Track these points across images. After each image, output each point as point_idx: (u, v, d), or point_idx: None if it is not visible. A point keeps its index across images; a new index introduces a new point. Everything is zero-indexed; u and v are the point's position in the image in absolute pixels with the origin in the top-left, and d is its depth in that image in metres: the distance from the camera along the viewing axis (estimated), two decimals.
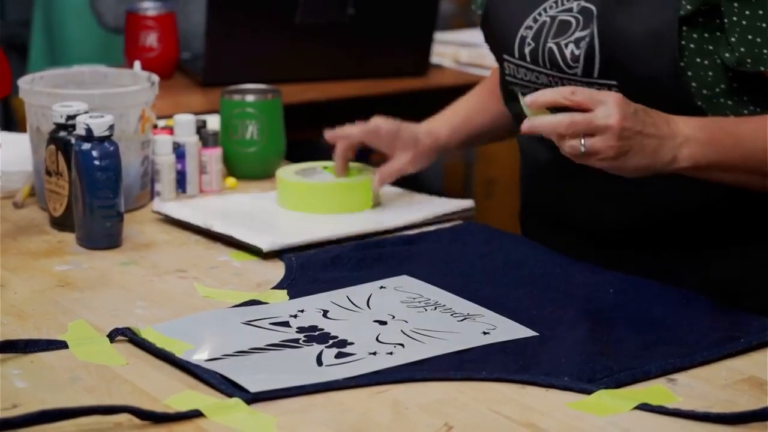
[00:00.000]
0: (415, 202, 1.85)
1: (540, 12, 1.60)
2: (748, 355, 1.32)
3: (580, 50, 1.53)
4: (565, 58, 1.55)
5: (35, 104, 1.79)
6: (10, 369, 1.28)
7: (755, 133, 1.45)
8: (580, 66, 1.54)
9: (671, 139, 1.41)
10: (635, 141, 1.39)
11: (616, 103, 1.38)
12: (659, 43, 1.48)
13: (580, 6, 1.56)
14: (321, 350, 1.32)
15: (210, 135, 1.93)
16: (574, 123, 1.38)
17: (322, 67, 2.69)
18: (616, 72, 1.52)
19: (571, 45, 1.54)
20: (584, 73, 1.54)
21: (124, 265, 1.61)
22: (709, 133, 1.43)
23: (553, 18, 1.59)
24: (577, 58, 1.54)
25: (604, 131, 1.38)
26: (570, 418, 1.19)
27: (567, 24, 1.57)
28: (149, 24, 2.66)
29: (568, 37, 1.56)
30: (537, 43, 1.59)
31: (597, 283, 1.51)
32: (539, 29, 1.60)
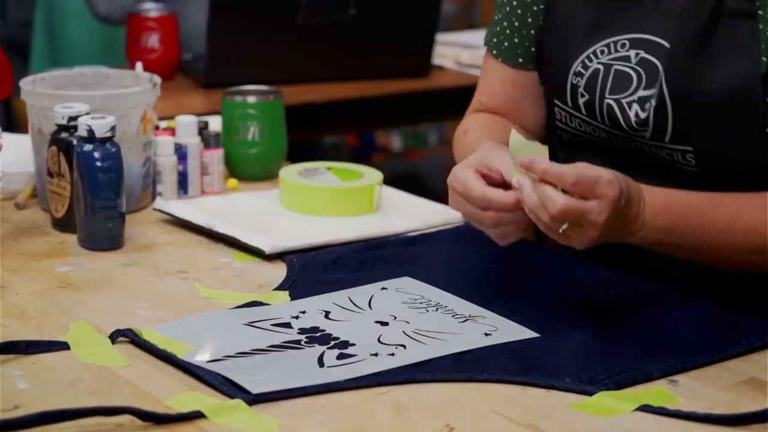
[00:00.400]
0: (417, 207, 1.84)
1: (589, 56, 1.53)
2: (749, 356, 1.32)
3: (646, 112, 1.47)
4: (629, 119, 1.49)
5: (37, 105, 1.79)
6: (12, 370, 1.28)
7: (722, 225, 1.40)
8: (649, 130, 1.48)
9: (634, 223, 1.37)
10: (610, 231, 1.33)
11: (611, 203, 1.31)
12: (742, 106, 1.42)
13: (639, 57, 1.49)
14: (322, 351, 1.32)
15: (212, 136, 1.93)
16: (565, 213, 1.30)
17: (324, 68, 2.70)
18: (691, 138, 1.46)
19: (635, 105, 1.48)
20: (653, 136, 1.48)
21: (126, 266, 1.61)
22: (671, 219, 1.38)
23: (607, 67, 1.51)
24: (644, 122, 1.47)
25: (590, 226, 1.32)
26: (571, 419, 1.19)
27: (626, 77, 1.50)
28: (150, 25, 2.66)
29: (630, 95, 1.49)
30: (592, 96, 1.52)
31: (598, 285, 1.51)
32: (592, 79, 1.52)
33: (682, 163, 1.48)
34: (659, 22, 1.49)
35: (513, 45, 1.64)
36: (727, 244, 1.41)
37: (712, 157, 1.45)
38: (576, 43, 1.54)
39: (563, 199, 1.30)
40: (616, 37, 1.52)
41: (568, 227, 1.31)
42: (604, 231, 1.32)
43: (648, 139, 1.49)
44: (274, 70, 2.59)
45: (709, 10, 1.45)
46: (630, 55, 1.50)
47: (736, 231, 1.40)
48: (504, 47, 1.65)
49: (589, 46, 1.53)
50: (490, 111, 1.68)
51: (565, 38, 1.56)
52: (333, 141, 4.26)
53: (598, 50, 1.53)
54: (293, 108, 2.24)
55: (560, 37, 1.57)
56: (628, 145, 1.51)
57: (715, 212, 1.40)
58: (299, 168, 1.86)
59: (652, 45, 1.49)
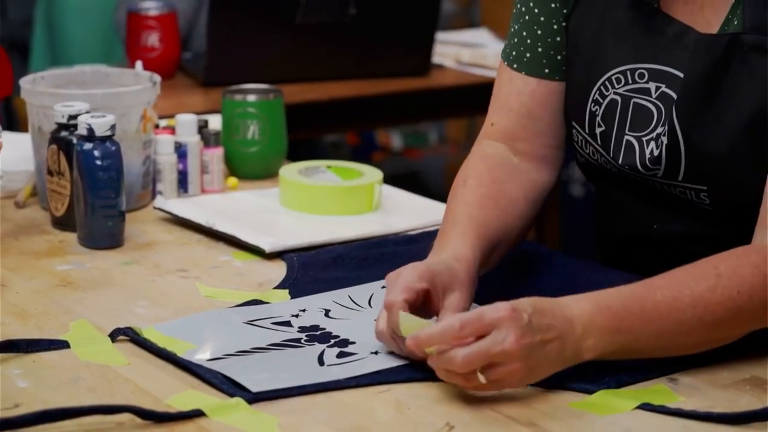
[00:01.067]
0: (417, 206, 1.84)
1: (605, 84, 1.47)
2: (750, 355, 1.32)
3: (659, 148, 1.42)
4: (644, 157, 1.43)
5: (37, 104, 1.79)
6: (12, 369, 1.28)
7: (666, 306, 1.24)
8: (662, 168, 1.42)
9: (570, 332, 1.21)
10: (538, 353, 1.19)
11: (510, 323, 1.18)
12: (757, 143, 1.36)
13: (660, 91, 1.43)
14: (323, 350, 1.32)
15: (211, 135, 1.93)
16: (470, 361, 1.17)
17: (324, 67, 2.70)
18: (705, 176, 1.40)
19: (652, 143, 1.42)
20: (666, 175, 1.42)
21: (126, 265, 1.61)
22: (611, 315, 1.22)
23: (626, 99, 1.45)
24: (656, 160, 1.42)
25: (504, 357, 1.18)
26: (572, 417, 1.19)
27: (647, 113, 1.44)
28: (150, 24, 2.66)
29: (649, 133, 1.43)
30: (609, 129, 1.46)
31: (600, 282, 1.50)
32: (610, 110, 1.47)
33: (696, 201, 1.43)
34: (679, 55, 1.42)
35: (536, 55, 1.53)
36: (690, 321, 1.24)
37: (727, 194, 1.40)
38: (595, 66, 1.48)
39: (461, 351, 1.17)
40: (634, 65, 1.45)
41: (489, 373, 1.18)
42: (528, 357, 1.18)
43: (660, 178, 1.43)
44: (274, 69, 2.59)
45: (724, 45, 1.38)
46: (650, 87, 1.44)
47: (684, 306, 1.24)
48: (526, 59, 1.54)
49: (607, 71, 1.47)
50: (501, 134, 1.56)
51: (585, 59, 1.50)
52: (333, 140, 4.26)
53: (613, 77, 1.46)
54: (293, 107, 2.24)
55: (580, 57, 1.50)
56: (642, 180, 1.46)
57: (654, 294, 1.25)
58: (299, 167, 1.86)
59: (672, 78, 1.42)
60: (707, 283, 1.24)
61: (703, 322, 1.23)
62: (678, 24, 1.43)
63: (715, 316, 1.23)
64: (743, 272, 1.25)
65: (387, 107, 2.82)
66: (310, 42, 2.65)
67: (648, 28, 1.45)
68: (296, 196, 1.80)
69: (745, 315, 1.25)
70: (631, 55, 1.45)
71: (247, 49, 2.59)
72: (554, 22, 1.53)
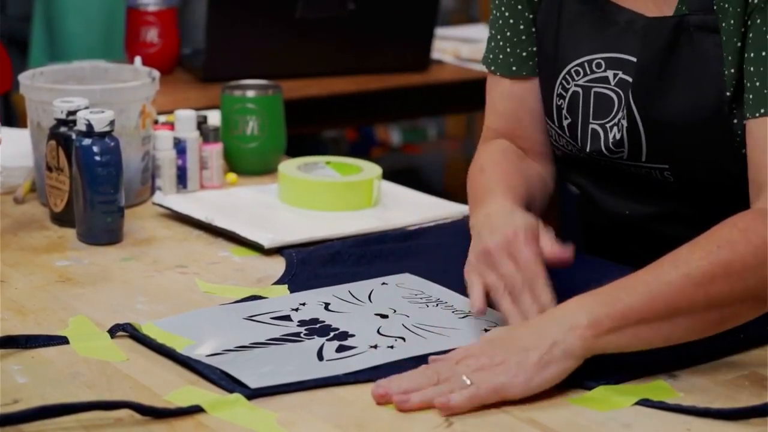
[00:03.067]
0: (416, 202, 1.84)
1: (566, 78, 1.52)
2: (749, 350, 1.32)
3: (621, 132, 1.46)
4: (608, 142, 1.48)
5: (36, 100, 1.79)
6: (11, 364, 1.28)
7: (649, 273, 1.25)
8: (626, 151, 1.47)
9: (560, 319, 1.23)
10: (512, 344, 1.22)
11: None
12: (711, 121, 1.40)
13: (618, 78, 1.48)
14: (322, 344, 1.32)
15: (211, 130, 1.93)
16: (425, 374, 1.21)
17: (323, 63, 2.70)
18: (666, 156, 1.45)
19: (614, 128, 1.47)
20: (630, 157, 1.47)
21: (125, 261, 1.61)
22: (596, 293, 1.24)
23: (587, 90, 1.50)
24: (619, 143, 1.47)
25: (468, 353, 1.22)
26: (571, 413, 1.19)
27: (607, 101, 1.48)
28: (150, 19, 2.66)
29: (612, 119, 1.48)
30: (575, 120, 1.51)
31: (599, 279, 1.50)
32: (573, 102, 1.51)
33: (662, 180, 1.47)
34: (631, 41, 1.46)
35: (506, 55, 1.59)
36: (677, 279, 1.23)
37: (689, 172, 1.44)
38: (556, 61, 1.52)
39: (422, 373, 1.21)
40: (590, 56, 1.50)
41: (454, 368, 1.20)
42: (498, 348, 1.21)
43: (626, 160, 1.47)
44: (273, 65, 2.59)
45: (672, 27, 1.42)
46: (608, 76, 1.48)
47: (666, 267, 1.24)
48: (499, 60, 1.60)
49: (566, 65, 1.51)
50: (499, 135, 1.62)
51: (548, 55, 1.54)
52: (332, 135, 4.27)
53: (572, 70, 1.51)
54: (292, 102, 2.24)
55: (544, 53, 1.56)
56: (610, 164, 1.50)
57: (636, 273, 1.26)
58: (298, 162, 1.86)
59: (628, 64, 1.47)
60: (686, 249, 1.25)
61: (690, 277, 1.22)
62: (628, 12, 1.47)
63: (701, 269, 1.22)
64: (720, 231, 1.26)
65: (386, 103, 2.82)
66: (309, 37, 2.65)
67: (600, 19, 1.49)
68: (295, 191, 1.80)
69: (735, 266, 1.23)
70: (587, 46, 1.50)
71: (246, 44, 2.59)
72: (521, 23, 1.57)
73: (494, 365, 1.20)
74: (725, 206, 1.35)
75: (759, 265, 1.23)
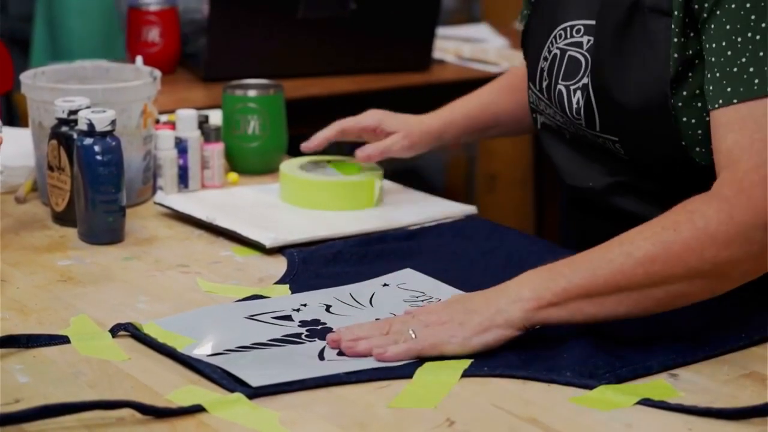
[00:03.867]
0: (418, 201, 1.84)
1: (552, 41, 1.56)
2: (750, 350, 1.32)
3: (582, 101, 1.51)
4: (571, 106, 1.52)
5: (37, 99, 1.79)
6: (13, 364, 1.28)
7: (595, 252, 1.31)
8: (583, 119, 1.51)
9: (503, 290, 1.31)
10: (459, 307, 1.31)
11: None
12: (655, 106, 1.43)
13: (590, 44, 1.51)
14: (323, 346, 1.32)
15: (212, 130, 1.93)
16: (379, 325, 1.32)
17: (324, 62, 2.70)
18: (615, 128, 1.49)
19: (578, 93, 1.51)
20: (587, 125, 1.51)
21: (126, 260, 1.61)
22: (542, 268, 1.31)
23: (563, 52, 1.54)
24: (579, 111, 1.51)
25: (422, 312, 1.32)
26: (572, 413, 1.19)
27: (576, 64, 1.52)
28: (151, 19, 2.66)
29: (576, 82, 1.52)
30: (550, 81, 1.56)
31: None
32: (551, 64, 1.56)
33: (615, 151, 1.51)
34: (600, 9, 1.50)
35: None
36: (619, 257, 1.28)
37: (636, 147, 1.47)
38: (549, 25, 1.57)
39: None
40: (574, 21, 1.54)
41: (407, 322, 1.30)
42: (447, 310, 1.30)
43: (585, 128, 1.52)
44: (275, 64, 2.59)
45: (627, 6, 1.45)
46: (583, 41, 1.52)
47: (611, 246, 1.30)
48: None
49: (554, 29, 1.56)
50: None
51: (543, 18, 1.59)
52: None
53: (557, 34, 1.55)
54: (294, 102, 2.24)
55: (539, 17, 1.61)
56: (578, 131, 1.54)
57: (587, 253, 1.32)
58: (300, 162, 1.86)
59: None
60: (637, 229, 1.31)
61: (632, 257, 1.27)
62: None
63: (643, 249, 1.27)
64: (671, 212, 1.30)
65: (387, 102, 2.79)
66: (310, 37, 2.65)
67: None
68: (297, 191, 1.80)
69: (675, 248, 1.27)
70: (575, 12, 1.54)
71: (247, 44, 2.59)
72: None
73: (440, 323, 1.30)
74: (676, 183, 1.42)
75: (701, 247, 1.26)
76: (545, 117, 1.61)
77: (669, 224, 1.28)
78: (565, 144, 1.60)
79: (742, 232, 1.27)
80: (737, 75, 1.34)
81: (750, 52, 1.34)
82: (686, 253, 1.27)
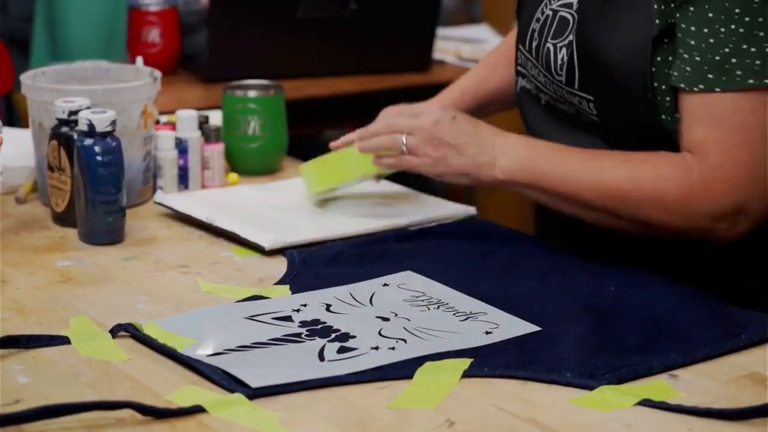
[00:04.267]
0: (418, 202, 1.84)
1: (546, 3, 1.61)
2: (750, 351, 1.32)
3: (566, 58, 1.55)
4: (556, 64, 1.57)
5: (37, 100, 1.79)
6: (12, 364, 1.28)
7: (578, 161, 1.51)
8: (564, 76, 1.56)
9: (490, 147, 1.54)
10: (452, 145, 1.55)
11: (432, 111, 1.58)
12: (633, 66, 1.48)
13: (578, 4, 1.56)
14: (323, 345, 1.32)
15: (212, 130, 1.93)
16: (393, 124, 1.60)
17: (324, 63, 2.70)
18: (593, 87, 1.53)
19: (563, 50, 1.56)
20: (567, 82, 1.57)
21: (127, 261, 1.61)
22: (529, 141, 1.55)
23: (555, 13, 1.58)
24: (562, 67, 1.56)
25: (419, 131, 1.56)
26: (572, 413, 1.19)
27: (564, 23, 1.57)
28: (151, 19, 2.66)
29: (563, 40, 1.56)
30: (540, 40, 1.60)
31: (599, 280, 1.51)
32: (543, 24, 1.60)
33: (588, 112, 1.56)
34: None
35: None
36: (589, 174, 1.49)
37: (610, 109, 1.52)
38: None
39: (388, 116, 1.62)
40: None
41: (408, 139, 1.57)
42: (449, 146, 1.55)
43: (564, 85, 1.57)
44: (275, 65, 2.59)
45: None
46: (573, 1, 1.57)
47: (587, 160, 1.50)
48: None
49: None
50: None
51: None
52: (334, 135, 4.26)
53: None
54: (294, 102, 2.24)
55: None
56: (556, 92, 1.59)
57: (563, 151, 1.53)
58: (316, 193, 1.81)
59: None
60: (612, 161, 1.49)
61: (595, 186, 1.49)
62: None
63: (607, 186, 1.48)
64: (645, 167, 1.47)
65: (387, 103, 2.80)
66: (310, 37, 2.65)
67: None
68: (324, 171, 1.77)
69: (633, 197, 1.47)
70: None
71: (247, 44, 2.59)
72: None
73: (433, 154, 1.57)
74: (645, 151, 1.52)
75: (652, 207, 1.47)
76: (527, 80, 1.66)
77: (636, 174, 1.46)
78: (539, 108, 1.65)
79: (690, 216, 1.45)
80: (719, 64, 1.40)
81: (734, 44, 1.39)
82: (638, 205, 1.47)
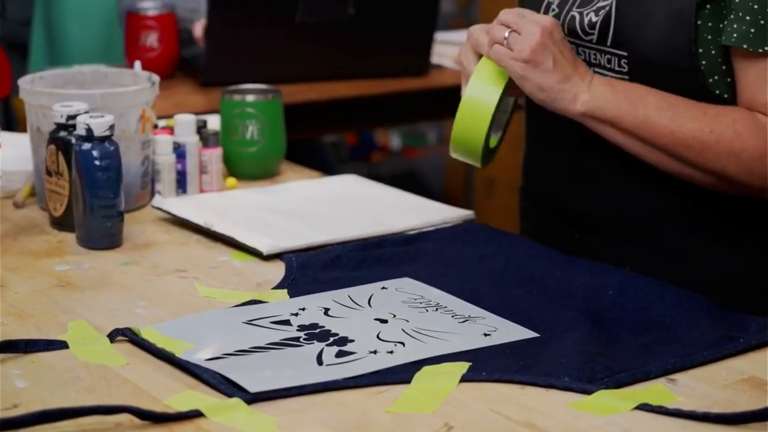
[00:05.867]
0: (416, 206, 1.84)
1: None
2: (748, 355, 1.32)
3: (598, 18, 1.57)
4: (584, 24, 1.58)
5: (35, 104, 1.79)
6: (11, 369, 1.28)
7: (658, 108, 1.50)
8: (596, 33, 1.57)
9: (581, 77, 1.52)
10: (550, 58, 1.50)
11: (550, 20, 1.52)
12: (677, 25, 1.50)
13: None
14: (321, 349, 1.32)
15: (210, 135, 1.93)
16: (508, 11, 1.54)
17: (323, 67, 2.70)
18: (628, 44, 1.54)
19: (591, 13, 1.58)
20: (598, 40, 1.58)
21: (125, 265, 1.61)
22: (616, 91, 1.52)
23: None
24: (594, 25, 1.58)
25: (529, 33, 1.49)
26: (570, 418, 1.19)
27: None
28: (149, 24, 2.67)
29: (591, 7, 1.59)
30: (560, 11, 1.62)
31: (597, 284, 1.51)
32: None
33: (617, 70, 1.57)
34: None
35: None
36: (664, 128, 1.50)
37: (643, 65, 1.54)
38: None
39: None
40: None
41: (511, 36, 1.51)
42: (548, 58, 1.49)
43: (594, 44, 1.59)
44: (273, 69, 2.59)
45: None
46: None
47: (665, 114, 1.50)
48: None
49: None
50: None
51: None
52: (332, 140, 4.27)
53: None
54: (292, 107, 2.24)
55: None
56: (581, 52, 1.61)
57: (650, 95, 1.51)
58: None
59: None
60: (691, 114, 1.50)
61: (674, 135, 1.50)
62: None
63: (685, 135, 1.49)
64: (725, 118, 1.49)
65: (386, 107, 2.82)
66: (308, 42, 2.65)
67: None
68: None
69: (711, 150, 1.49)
70: None
71: (245, 49, 2.59)
72: None
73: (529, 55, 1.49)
74: None
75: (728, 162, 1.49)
76: None
77: (716, 129, 1.49)
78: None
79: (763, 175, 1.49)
80: None
81: None
82: (716, 157, 1.49)
